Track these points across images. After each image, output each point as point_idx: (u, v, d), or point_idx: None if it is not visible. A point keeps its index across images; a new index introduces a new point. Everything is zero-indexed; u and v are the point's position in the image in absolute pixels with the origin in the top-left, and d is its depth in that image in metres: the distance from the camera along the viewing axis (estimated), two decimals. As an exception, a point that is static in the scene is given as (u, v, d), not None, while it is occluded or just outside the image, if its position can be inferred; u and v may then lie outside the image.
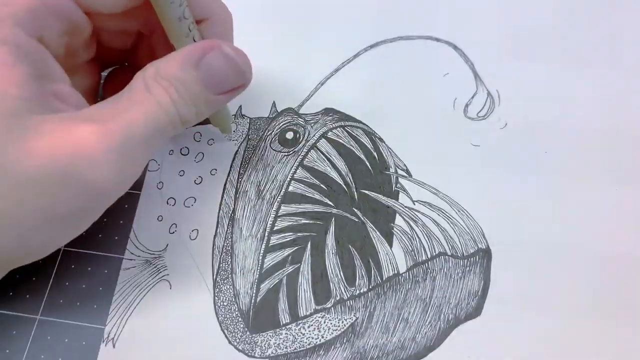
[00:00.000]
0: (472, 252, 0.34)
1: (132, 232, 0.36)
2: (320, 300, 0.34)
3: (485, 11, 0.42)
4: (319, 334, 0.33)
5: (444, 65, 0.40)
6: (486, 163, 0.37)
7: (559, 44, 0.40)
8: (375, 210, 0.36)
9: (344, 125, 0.38)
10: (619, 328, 0.32)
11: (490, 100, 0.39)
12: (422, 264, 0.34)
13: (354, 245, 0.35)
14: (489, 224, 0.35)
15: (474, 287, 0.33)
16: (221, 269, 0.35)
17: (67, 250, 0.35)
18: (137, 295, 0.34)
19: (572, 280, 0.33)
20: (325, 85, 0.40)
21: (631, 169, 0.36)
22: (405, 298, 0.33)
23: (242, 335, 0.33)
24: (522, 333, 0.32)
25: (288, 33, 0.42)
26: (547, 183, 0.36)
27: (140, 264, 0.35)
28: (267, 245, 0.35)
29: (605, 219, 0.35)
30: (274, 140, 0.38)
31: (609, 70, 0.39)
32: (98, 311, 0.34)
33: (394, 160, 0.37)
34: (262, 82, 0.40)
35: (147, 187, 0.37)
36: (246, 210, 0.36)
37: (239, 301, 0.34)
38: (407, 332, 0.33)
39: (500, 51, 0.40)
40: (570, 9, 0.41)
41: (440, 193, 0.36)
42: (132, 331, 0.33)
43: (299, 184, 0.36)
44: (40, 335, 0.33)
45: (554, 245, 0.34)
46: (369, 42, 0.41)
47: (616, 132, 0.37)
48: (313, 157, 0.37)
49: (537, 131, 0.37)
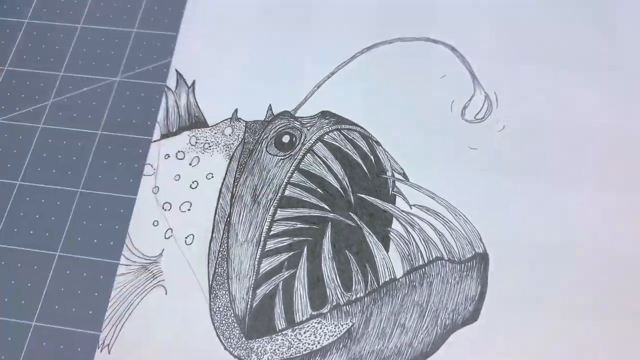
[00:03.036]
0: (469, 257, 0.34)
1: (127, 237, 0.35)
2: (316, 306, 0.33)
3: (483, 13, 0.41)
4: (315, 339, 0.33)
5: (441, 67, 0.40)
6: (484, 166, 0.36)
7: (557, 47, 0.40)
8: (371, 214, 0.35)
9: (341, 129, 0.38)
10: (616, 333, 0.32)
11: (488, 103, 0.38)
12: (419, 269, 0.34)
13: (351, 250, 0.34)
14: (486, 228, 0.35)
15: (471, 292, 0.33)
16: (217, 274, 0.34)
17: (62, 255, 0.35)
18: (132, 301, 0.34)
19: (569, 285, 0.33)
20: (322, 88, 0.39)
21: (629, 171, 0.36)
22: (402, 303, 0.33)
23: (238, 341, 0.33)
24: (519, 337, 0.32)
25: (284, 36, 0.41)
26: (545, 186, 0.36)
27: (135, 269, 0.35)
28: (263, 250, 0.35)
29: (604, 223, 0.35)
30: (270, 143, 0.38)
31: (608, 73, 0.39)
32: (93, 317, 0.33)
33: (390, 163, 0.37)
34: (258, 85, 0.40)
35: (142, 191, 0.37)
36: (242, 215, 0.36)
37: (235, 307, 0.33)
38: (403, 338, 0.32)
39: (498, 53, 0.40)
40: (569, 12, 0.41)
41: (437, 197, 0.36)
42: (128, 337, 0.33)
43: (295, 188, 0.36)
44: (36, 342, 0.33)
45: (551, 249, 0.34)
46: (366, 44, 0.41)
47: (614, 134, 0.37)
48: (309, 161, 0.37)
49: (535, 134, 0.37)
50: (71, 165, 0.36)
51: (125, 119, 0.39)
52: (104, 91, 0.40)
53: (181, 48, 0.42)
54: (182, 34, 0.42)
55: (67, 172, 0.37)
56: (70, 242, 0.35)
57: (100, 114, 0.39)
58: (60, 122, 0.39)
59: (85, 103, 0.40)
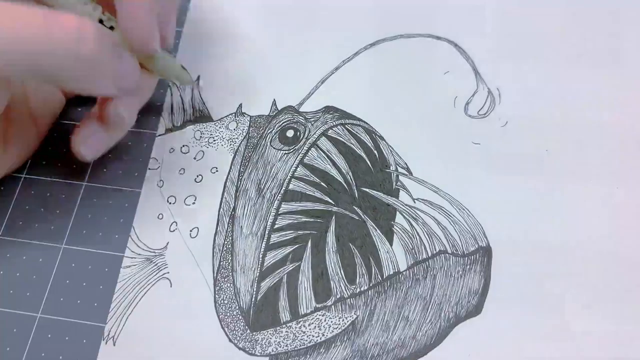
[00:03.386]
0: (472, 250, 0.34)
1: (132, 230, 0.36)
2: (320, 299, 0.33)
3: (485, 9, 0.42)
4: (319, 332, 0.33)
5: (444, 63, 0.40)
6: (487, 161, 0.37)
7: (559, 42, 0.40)
8: (375, 208, 0.36)
9: (345, 123, 0.38)
10: (619, 326, 0.32)
11: (491, 99, 0.39)
12: (423, 262, 0.34)
13: (355, 244, 0.35)
14: (489, 222, 0.35)
15: (474, 286, 0.33)
16: (222, 267, 0.34)
17: (67, 248, 0.35)
18: (137, 293, 0.34)
19: (572, 278, 0.33)
20: (326, 83, 0.40)
21: (632, 168, 0.36)
22: (406, 296, 0.33)
23: (242, 334, 0.33)
24: (522, 331, 0.32)
25: (288, 31, 0.42)
26: (548, 181, 0.36)
27: (140, 262, 0.35)
28: (267, 244, 0.35)
29: (606, 218, 0.35)
30: (274, 138, 0.38)
31: (610, 69, 0.39)
32: (98, 309, 0.34)
33: (394, 158, 0.37)
34: (263, 80, 0.40)
35: (147, 185, 0.37)
36: (246, 208, 0.36)
37: (240, 299, 0.34)
38: (407, 331, 0.33)
39: (501, 49, 0.40)
40: (572, 8, 0.41)
41: (440, 191, 0.36)
42: (133, 329, 0.33)
43: (300, 182, 0.36)
44: (41, 334, 0.33)
45: (554, 243, 0.34)
46: (370, 40, 0.41)
47: (617, 130, 0.37)
48: (313, 155, 0.37)
49: (538, 129, 0.37)
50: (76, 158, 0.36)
51: (130, 114, 0.39)
52: (109, 86, 0.40)
53: (186, 43, 0.42)
54: (186, 30, 0.42)
55: (72, 165, 0.37)
56: (75, 234, 0.35)
57: (105, 109, 0.40)
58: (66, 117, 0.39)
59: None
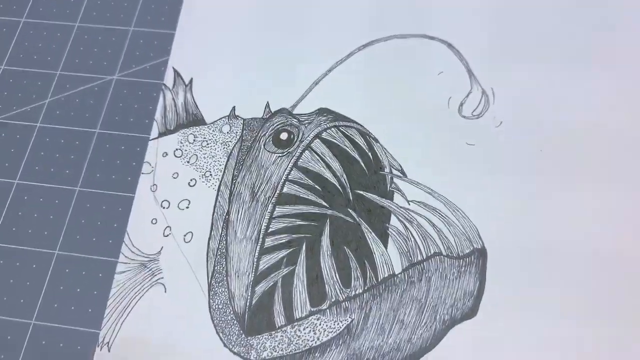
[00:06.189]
0: (467, 252, 0.34)
1: (126, 236, 0.35)
2: (315, 302, 0.33)
3: (479, 10, 0.41)
4: (314, 336, 0.33)
5: (438, 64, 0.40)
6: (481, 162, 0.37)
7: (553, 43, 0.40)
8: (370, 210, 0.35)
9: (338, 125, 0.38)
10: (615, 327, 0.32)
11: (485, 99, 0.38)
12: (418, 265, 0.34)
13: (349, 246, 0.35)
14: (484, 224, 0.35)
15: (469, 288, 0.33)
16: (216, 271, 0.34)
17: (61, 254, 0.35)
18: (132, 299, 0.34)
19: (568, 280, 0.33)
20: (319, 85, 0.39)
21: (626, 168, 0.36)
22: (401, 299, 0.33)
23: (237, 338, 0.33)
24: (517, 333, 0.32)
25: (281, 33, 0.42)
26: (543, 182, 0.36)
27: (134, 267, 0.35)
28: (261, 247, 0.35)
29: (601, 218, 0.35)
30: (268, 141, 0.38)
31: (604, 70, 0.39)
32: (93, 315, 0.33)
33: (388, 160, 0.37)
34: (256, 82, 0.40)
35: (140, 189, 0.37)
36: (240, 212, 0.36)
37: (234, 304, 0.34)
38: (402, 334, 0.33)
39: (494, 50, 0.40)
40: (566, 9, 0.41)
41: (435, 193, 0.36)
42: (127, 335, 0.33)
43: (294, 185, 0.36)
44: (35, 340, 0.33)
45: (549, 244, 0.34)
46: (363, 41, 0.41)
47: (611, 130, 0.37)
48: (307, 158, 0.37)
49: (532, 130, 0.37)
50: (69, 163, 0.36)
51: (122, 118, 0.39)
52: (102, 90, 0.40)
53: (178, 46, 0.42)
54: (179, 32, 0.42)
55: (65, 170, 0.37)
56: (69, 240, 0.35)
57: (98, 113, 0.39)
58: (57, 121, 0.39)
59: (82, 102, 0.40)
